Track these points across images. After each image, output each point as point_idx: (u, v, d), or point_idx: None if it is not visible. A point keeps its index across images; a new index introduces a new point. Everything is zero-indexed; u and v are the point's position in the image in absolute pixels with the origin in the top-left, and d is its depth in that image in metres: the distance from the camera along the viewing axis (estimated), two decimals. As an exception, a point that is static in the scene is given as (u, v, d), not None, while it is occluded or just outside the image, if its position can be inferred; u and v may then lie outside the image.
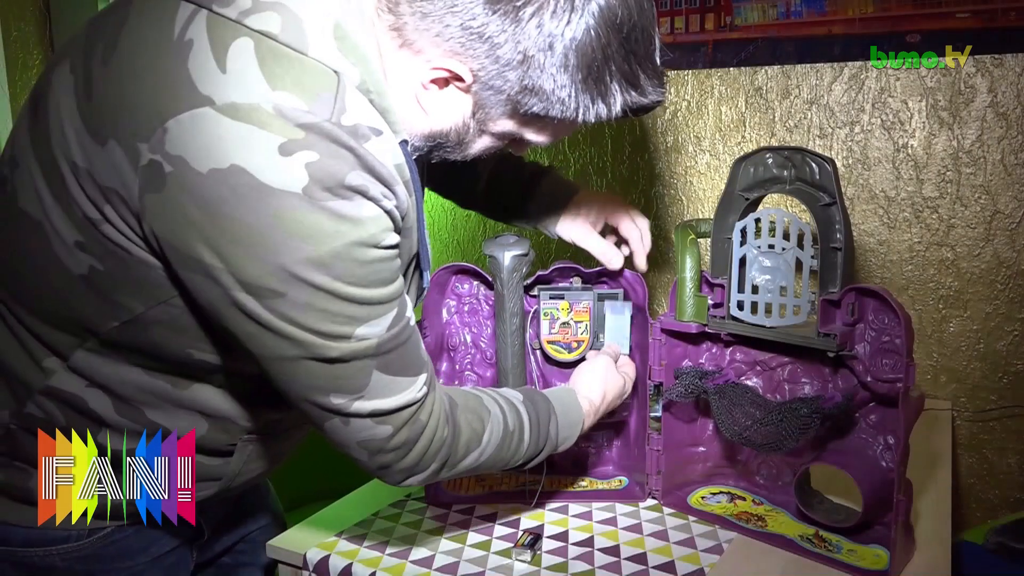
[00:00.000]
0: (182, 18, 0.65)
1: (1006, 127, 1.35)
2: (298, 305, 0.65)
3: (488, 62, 0.70)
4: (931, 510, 1.05)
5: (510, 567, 0.95)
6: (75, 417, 0.78)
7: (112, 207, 0.66)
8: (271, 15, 0.64)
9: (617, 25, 0.70)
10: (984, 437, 1.45)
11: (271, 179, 0.61)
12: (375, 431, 0.73)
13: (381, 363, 0.71)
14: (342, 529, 1.03)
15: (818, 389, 1.02)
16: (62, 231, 0.70)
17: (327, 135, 0.63)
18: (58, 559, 0.84)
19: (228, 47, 0.63)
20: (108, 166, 0.65)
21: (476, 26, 0.68)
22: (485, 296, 1.15)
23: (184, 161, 0.61)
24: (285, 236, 0.62)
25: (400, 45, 0.71)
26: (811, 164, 0.94)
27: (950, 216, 1.41)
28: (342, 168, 0.63)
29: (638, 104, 0.75)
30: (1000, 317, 1.40)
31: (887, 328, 0.92)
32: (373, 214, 0.66)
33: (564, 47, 0.69)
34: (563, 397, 0.95)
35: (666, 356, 1.08)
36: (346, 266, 0.65)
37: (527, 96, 0.72)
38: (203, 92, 0.62)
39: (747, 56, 1.49)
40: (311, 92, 0.63)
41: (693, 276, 1.05)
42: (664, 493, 1.10)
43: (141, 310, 0.71)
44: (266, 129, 0.61)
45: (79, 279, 0.71)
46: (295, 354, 0.68)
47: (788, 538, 0.98)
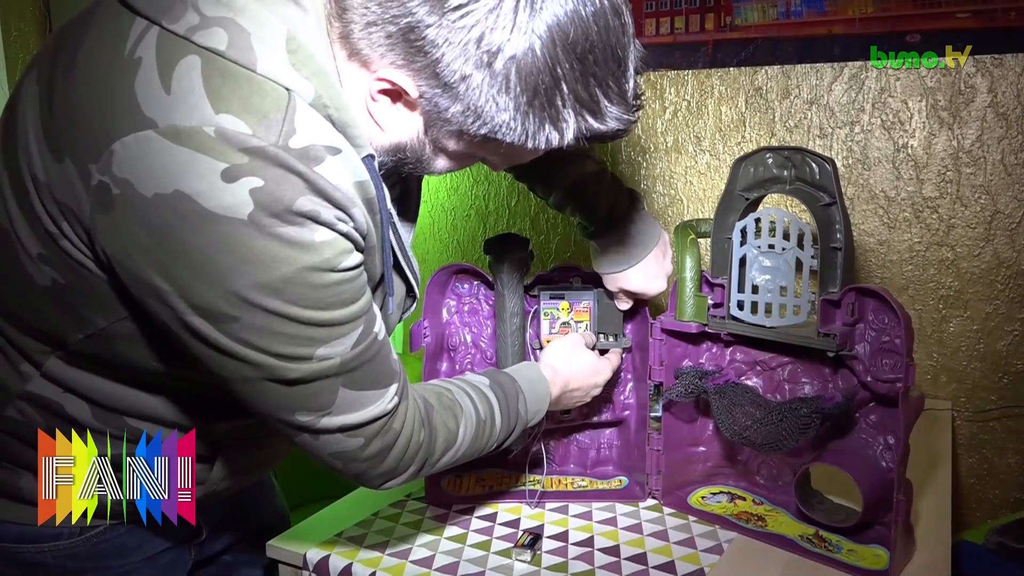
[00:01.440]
0: (134, 34, 0.63)
1: (1006, 127, 1.35)
2: (253, 328, 0.63)
3: (429, 77, 0.66)
4: (931, 510, 1.05)
5: (510, 567, 0.95)
6: (55, 421, 0.78)
7: (68, 223, 0.65)
8: (218, 31, 0.62)
9: (569, 44, 0.64)
10: (984, 437, 1.45)
11: (215, 206, 0.59)
12: (346, 443, 0.72)
13: (347, 380, 0.69)
14: (342, 529, 1.03)
15: (818, 389, 1.02)
16: (27, 243, 0.69)
17: (273, 160, 0.60)
18: (49, 556, 0.84)
19: (175, 66, 0.61)
20: (64, 183, 0.64)
21: (415, 38, 0.64)
22: (485, 296, 1.15)
23: (130, 184, 0.60)
24: (234, 262, 0.61)
25: (349, 55, 0.68)
26: (811, 164, 0.94)
27: (950, 216, 1.41)
28: (290, 193, 0.61)
29: (596, 131, 0.69)
30: (1000, 317, 1.40)
31: (887, 328, 0.92)
32: (327, 238, 0.64)
33: (504, 66, 0.64)
34: (527, 373, 0.96)
35: (666, 356, 1.08)
36: (300, 291, 0.63)
37: (471, 117, 0.67)
38: (147, 114, 0.60)
39: (747, 56, 1.49)
40: (257, 113, 0.61)
41: (693, 276, 1.05)
42: (664, 493, 1.10)
43: (103, 324, 0.71)
44: (208, 154, 0.59)
45: (44, 291, 0.70)
46: (254, 375, 0.66)
47: (788, 538, 0.98)
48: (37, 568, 0.84)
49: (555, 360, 1.01)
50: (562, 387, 0.99)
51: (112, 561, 0.87)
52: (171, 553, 0.92)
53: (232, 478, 0.89)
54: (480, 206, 1.83)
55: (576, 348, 1.04)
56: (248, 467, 0.90)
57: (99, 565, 0.86)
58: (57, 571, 0.85)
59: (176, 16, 0.62)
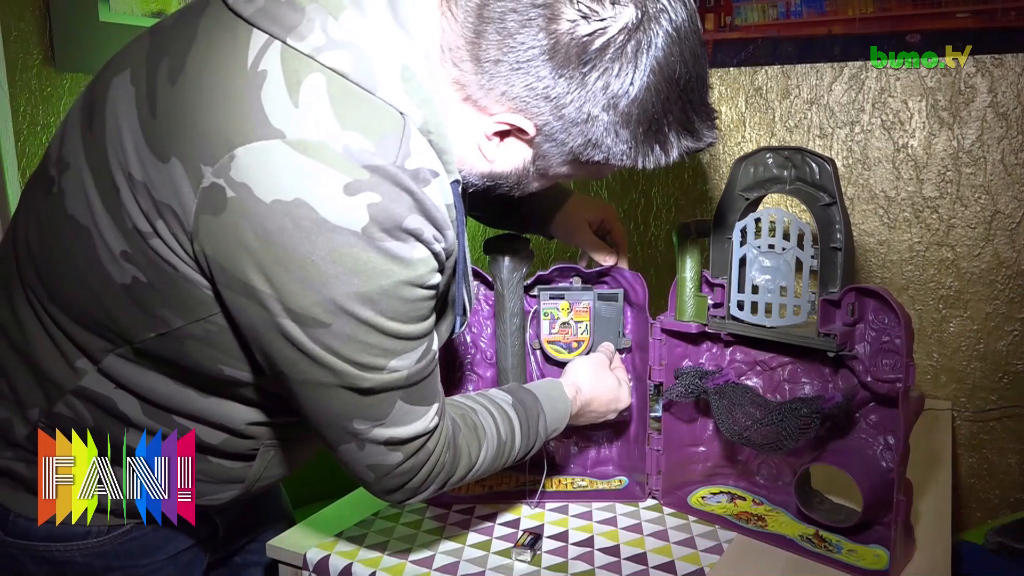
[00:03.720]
0: (255, 47, 0.66)
1: (1006, 127, 1.35)
2: (341, 336, 0.67)
3: (552, 119, 0.71)
4: (931, 510, 1.05)
5: (510, 567, 0.95)
6: (104, 417, 0.79)
7: (164, 223, 0.67)
8: (344, 54, 0.65)
9: (675, 79, 0.71)
10: (984, 437, 1.45)
11: (333, 216, 0.63)
12: (387, 457, 0.75)
13: (405, 394, 0.73)
14: (342, 529, 1.03)
15: (818, 389, 1.02)
16: (109, 240, 0.70)
17: (390, 178, 0.64)
18: (78, 554, 0.85)
19: (301, 82, 0.64)
20: (167, 183, 0.66)
21: (542, 87, 0.69)
22: (485, 296, 1.15)
23: (248, 189, 0.63)
24: (338, 270, 0.64)
25: (463, 99, 0.72)
26: (811, 164, 0.94)
27: (950, 216, 1.41)
28: (401, 211, 0.65)
29: (695, 148, 0.76)
30: (1000, 317, 1.40)
31: (887, 328, 0.92)
32: (423, 256, 0.68)
33: (627, 105, 0.70)
34: (550, 391, 0.97)
35: (666, 356, 1.08)
36: (391, 303, 0.67)
37: (589, 149, 0.73)
38: (275, 125, 0.63)
39: (747, 56, 1.49)
40: (378, 134, 0.65)
41: (693, 276, 1.05)
42: (664, 493, 1.10)
43: (179, 324, 0.72)
44: (333, 168, 0.63)
45: (120, 288, 0.72)
46: (330, 381, 0.69)
47: (788, 538, 0.98)
48: (65, 566, 0.85)
49: (580, 379, 1.01)
50: (582, 407, 1.00)
51: (138, 560, 0.88)
52: (191, 552, 0.94)
53: (268, 478, 0.90)
54: (480, 206, 1.83)
55: (601, 370, 1.04)
56: (283, 467, 0.92)
57: (125, 564, 0.88)
58: (84, 569, 0.86)
59: (301, 35, 0.65)
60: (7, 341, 0.80)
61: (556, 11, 0.67)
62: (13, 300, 0.80)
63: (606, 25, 0.67)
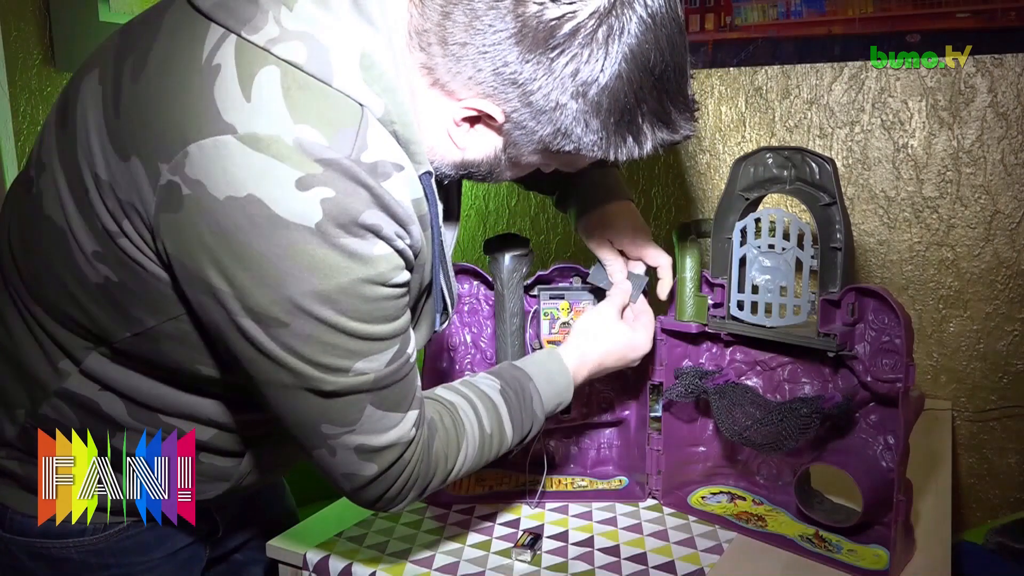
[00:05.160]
0: (211, 41, 0.65)
1: (1006, 127, 1.35)
2: (300, 336, 0.65)
3: (520, 105, 0.69)
4: (931, 510, 1.05)
5: (510, 567, 0.95)
6: (90, 419, 0.79)
7: (129, 221, 0.67)
8: (297, 44, 0.64)
9: (650, 68, 0.68)
10: (984, 437, 1.45)
11: (286, 212, 0.61)
12: (360, 467, 0.73)
13: (376, 398, 0.71)
14: (342, 529, 1.03)
15: (818, 389, 1.02)
16: (81, 240, 0.70)
17: (345, 172, 0.63)
18: (74, 551, 0.85)
19: (254, 75, 0.63)
20: (129, 181, 0.65)
21: (509, 72, 0.67)
22: (485, 296, 1.15)
23: (202, 186, 0.61)
24: (295, 268, 0.63)
25: (431, 84, 0.71)
26: (811, 164, 0.94)
27: (950, 216, 1.41)
28: (357, 206, 0.63)
29: (669, 141, 0.74)
30: (1000, 317, 1.40)
31: (887, 328, 0.92)
32: (384, 253, 0.66)
33: (597, 93, 0.68)
34: (547, 365, 0.92)
35: (666, 356, 1.08)
36: (351, 302, 0.65)
37: (559, 137, 0.71)
38: (226, 120, 0.62)
39: (747, 56, 1.49)
40: (333, 126, 0.63)
41: (693, 276, 1.05)
42: (664, 493, 1.10)
43: (152, 323, 0.72)
44: (285, 162, 0.61)
45: (95, 288, 0.71)
46: (291, 383, 0.68)
47: (788, 538, 0.98)
48: (62, 563, 0.85)
49: (583, 342, 0.95)
50: (592, 369, 0.95)
51: (134, 557, 0.88)
52: (189, 550, 0.94)
53: (258, 475, 0.90)
54: (480, 206, 1.84)
55: (609, 322, 0.98)
56: (274, 465, 0.91)
57: (121, 561, 0.87)
58: (81, 566, 0.86)
59: (256, 27, 0.64)
60: None
61: None
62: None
63: (576, 9, 0.65)
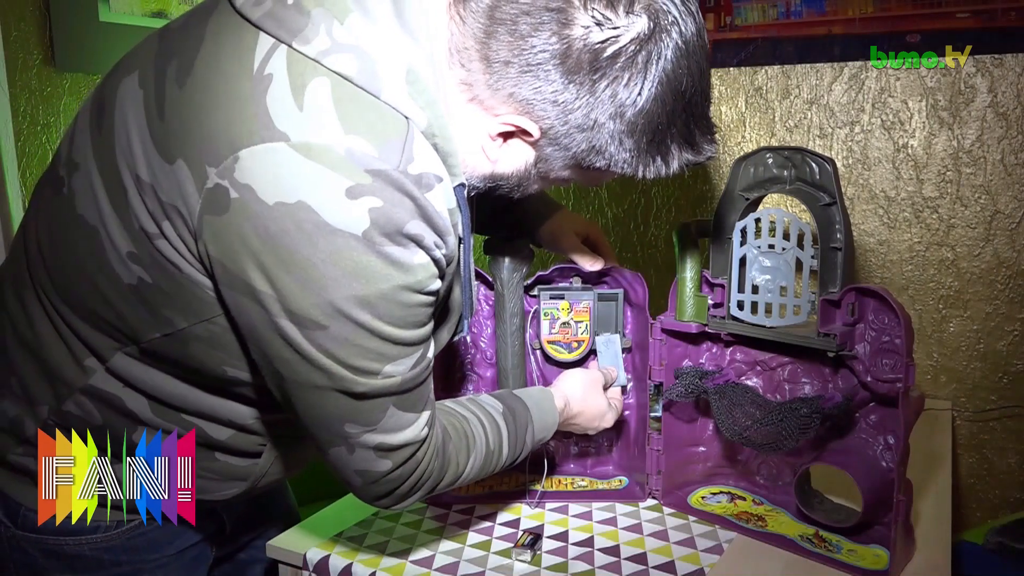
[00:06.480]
0: (262, 51, 0.66)
1: (1006, 127, 1.35)
2: (338, 339, 0.67)
3: (557, 123, 0.72)
4: (931, 510, 1.05)
5: (510, 567, 0.95)
6: (112, 416, 0.80)
7: (170, 223, 0.68)
8: (348, 57, 0.66)
9: (682, 92, 0.71)
10: (984, 437, 1.45)
11: (334, 219, 0.63)
12: (375, 464, 0.75)
13: (398, 400, 0.73)
14: (342, 529, 1.03)
15: (818, 389, 1.02)
16: (117, 240, 0.71)
17: (393, 183, 0.64)
18: (87, 548, 0.86)
19: (306, 85, 0.64)
20: (173, 184, 0.66)
21: (550, 91, 0.70)
22: (485, 296, 1.15)
23: (252, 190, 0.63)
24: (338, 273, 0.64)
25: (469, 99, 0.73)
26: (811, 164, 0.94)
27: (950, 216, 1.41)
28: (403, 216, 0.65)
29: (694, 161, 0.77)
30: (1000, 317, 1.40)
31: (887, 328, 0.92)
32: (423, 261, 0.68)
33: (634, 114, 0.71)
34: (540, 401, 0.97)
35: (666, 356, 1.08)
36: (389, 307, 0.67)
37: (592, 155, 0.74)
38: (279, 127, 0.63)
39: (747, 56, 1.49)
40: (382, 138, 0.65)
41: (693, 276, 1.05)
42: (664, 493, 1.10)
43: (184, 325, 0.73)
44: (336, 171, 0.63)
45: (127, 288, 0.72)
46: (324, 384, 0.69)
47: (788, 538, 0.98)
48: (75, 560, 0.86)
49: (570, 392, 1.02)
50: (566, 418, 1.01)
51: (146, 555, 0.89)
52: (198, 548, 0.95)
53: (273, 475, 0.91)
54: (480, 206, 1.83)
55: (594, 387, 1.05)
56: (288, 465, 0.92)
57: (133, 558, 0.89)
58: (93, 563, 0.87)
59: (307, 39, 0.66)
60: (18, 339, 0.81)
61: (570, 16, 0.67)
62: (24, 299, 0.80)
63: (619, 34, 0.68)
